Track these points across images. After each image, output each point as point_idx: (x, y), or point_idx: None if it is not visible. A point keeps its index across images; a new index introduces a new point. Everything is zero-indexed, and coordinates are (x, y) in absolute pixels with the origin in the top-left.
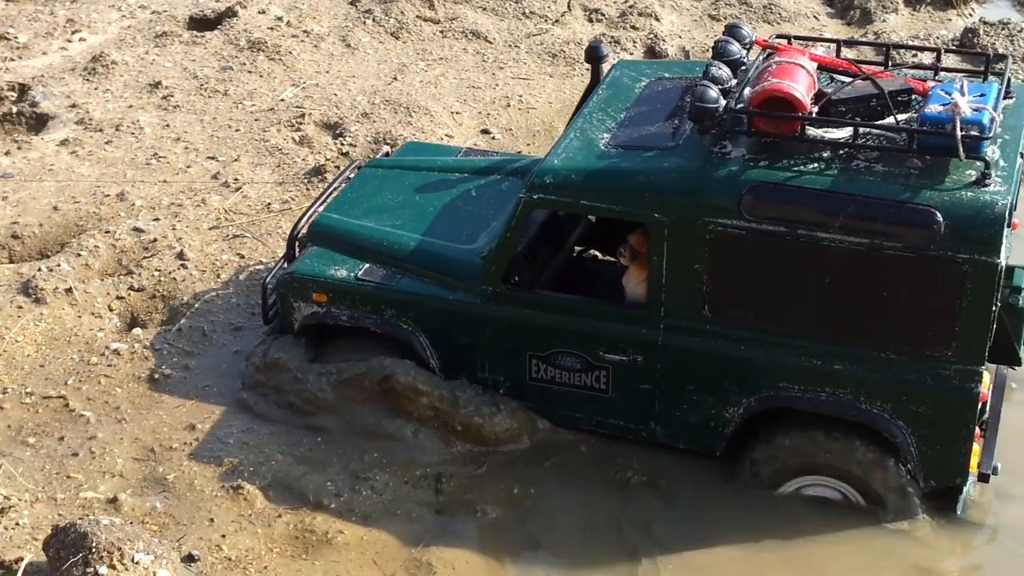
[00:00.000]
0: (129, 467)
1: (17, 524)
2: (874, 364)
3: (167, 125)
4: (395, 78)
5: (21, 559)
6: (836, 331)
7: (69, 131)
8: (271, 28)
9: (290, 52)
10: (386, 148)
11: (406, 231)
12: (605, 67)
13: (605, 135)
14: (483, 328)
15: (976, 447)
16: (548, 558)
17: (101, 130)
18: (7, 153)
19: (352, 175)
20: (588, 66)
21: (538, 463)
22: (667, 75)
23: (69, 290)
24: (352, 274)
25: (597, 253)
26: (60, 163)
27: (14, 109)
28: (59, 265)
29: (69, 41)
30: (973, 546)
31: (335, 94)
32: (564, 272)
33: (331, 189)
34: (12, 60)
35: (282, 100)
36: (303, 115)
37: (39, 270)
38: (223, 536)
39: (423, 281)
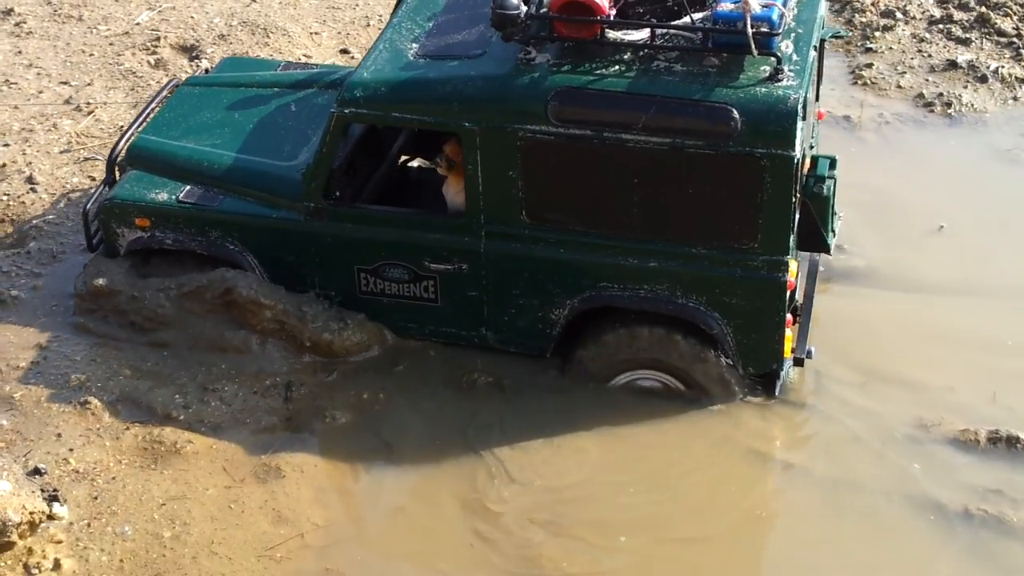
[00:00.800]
0: None
1: None
2: (687, 259)
3: (19, 52)
4: (253, 0)
5: None
6: (649, 229)
7: None
8: None
9: None
10: (205, 64)
11: (226, 150)
12: None
13: (413, 45)
14: (309, 245)
15: (789, 333)
16: (398, 460)
17: None
18: None
19: (170, 95)
20: None
21: (388, 369)
22: None
23: None
24: (173, 196)
25: (422, 162)
26: None
27: None
28: None
29: None
30: (793, 424)
31: (191, 17)
32: (388, 184)
33: (148, 110)
34: None
35: (137, 24)
36: (158, 38)
37: None
38: (70, 450)
39: (246, 200)
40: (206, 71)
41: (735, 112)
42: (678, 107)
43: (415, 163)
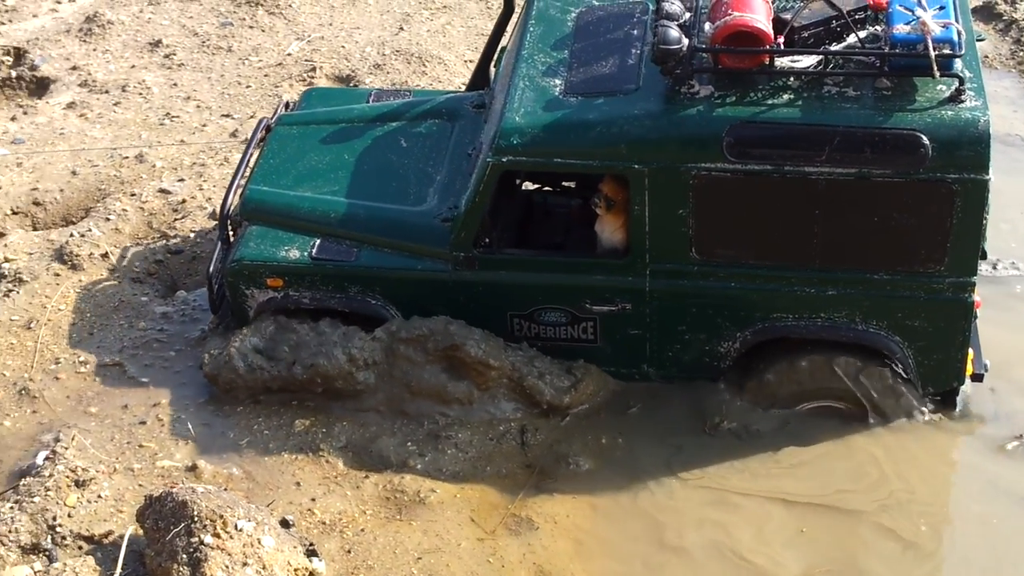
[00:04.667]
0: (200, 432)
1: (99, 497)
2: (868, 286)
3: (175, 84)
4: (401, 28)
5: (111, 532)
6: (829, 258)
7: (74, 94)
8: None
9: (290, 5)
10: (286, 99)
11: (348, 197)
12: None
13: (556, 81)
14: (458, 294)
15: (971, 351)
16: (648, 508)
17: (107, 91)
18: (13, 119)
19: (263, 135)
20: None
21: (621, 411)
22: (595, 3)
23: (105, 255)
24: (306, 254)
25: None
26: (70, 127)
27: (13, 74)
28: (90, 230)
29: (59, 2)
30: (974, 435)
31: (343, 46)
32: (519, 220)
33: (248, 156)
34: (2, 24)
35: (289, 54)
36: (313, 68)
37: (71, 236)
38: (313, 500)
39: (385, 253)
40: (287, 105)
41: (924, 139)
42: (864, 137)
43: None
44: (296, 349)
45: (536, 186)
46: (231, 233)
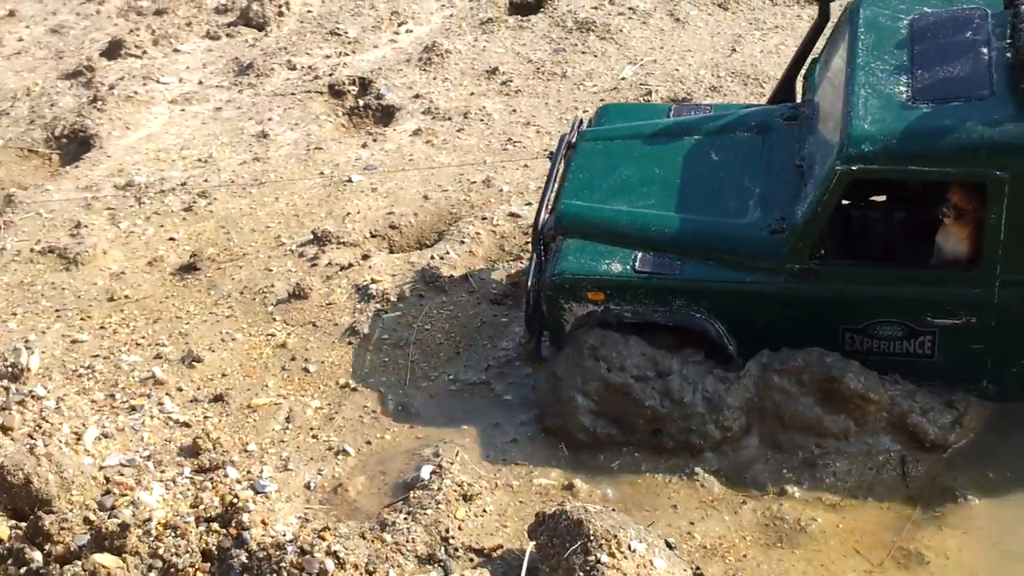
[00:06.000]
0: (570, 452)
1: (484, 511)
2: None
3: (513, 110)
4: (733, 49)
5: (500, 546)
6: None
7: (418, 121)
8: (595, 8)
9: (620, 30)
10: (580, 116)
11: (667, 210)
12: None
13: (900, 88)
14: (789, 308)
15: None
16: None
17: (449, 118)
18: (364, 146)
19: (565, 152)
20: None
21: (1004, 440)
22: (928, 9)
23: (464, 277)
24: (628, 267)
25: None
26: (418, 153)
27: (360, 103)
28: (447, 253)
29: (396, 33)
30: None
31: (676, 69)
32: (846, 231)
33: (555, 173)
34: (346, 55)
35: (623, 79)
36: (649, 92)
37: (431, 258)
38: (691, 523)
39: (709, 265)
40: (580, 122)
41: None
42: None
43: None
44: (645, 402)
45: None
46: (543, 249)
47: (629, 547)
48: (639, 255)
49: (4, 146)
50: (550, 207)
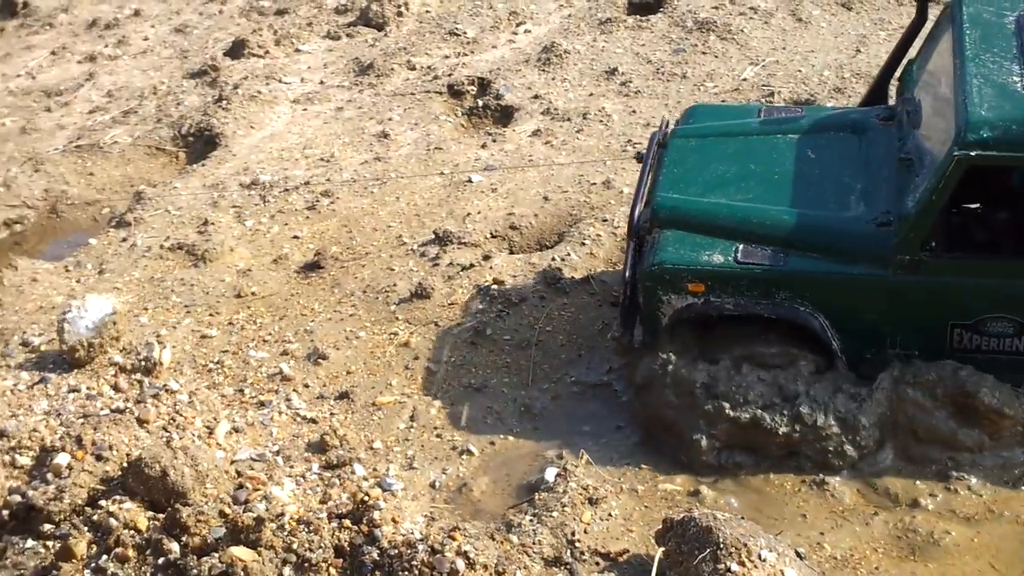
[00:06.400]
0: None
1: (610, 515)
2: None
3: (633, 111)
4: (858, 50)
5: (626, 551)
6: None
7: (537, 121)
8: (715, 7)
9: (741, 30)
10: (665, 117)
11: (768, 203)
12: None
13: (1014, 78)
14: (896, 302)
15: None
16: None
17: (569, 119)
18: (483, 146)
19: (656, 149)
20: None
21: None
22: None
23: (587, 279)
24: (730, 258)
25: None
26: (537, 153)
27: (479, 103)
28: (568, 255)
29: (515, 33)
30: None
31: (799, 70)
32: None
33: (648, 168)
34: (465, 55)
35: (744, 79)
36: (771, 93)
37: (552, 260)
38: (821, 533)
39: (813, 258)
40: (667, 123)
41: None
42: None
43: None
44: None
45: None
46: (639, 242)
47: (759, 556)
48: (740, 246)
49: (133, 144)
50: (644, 201)
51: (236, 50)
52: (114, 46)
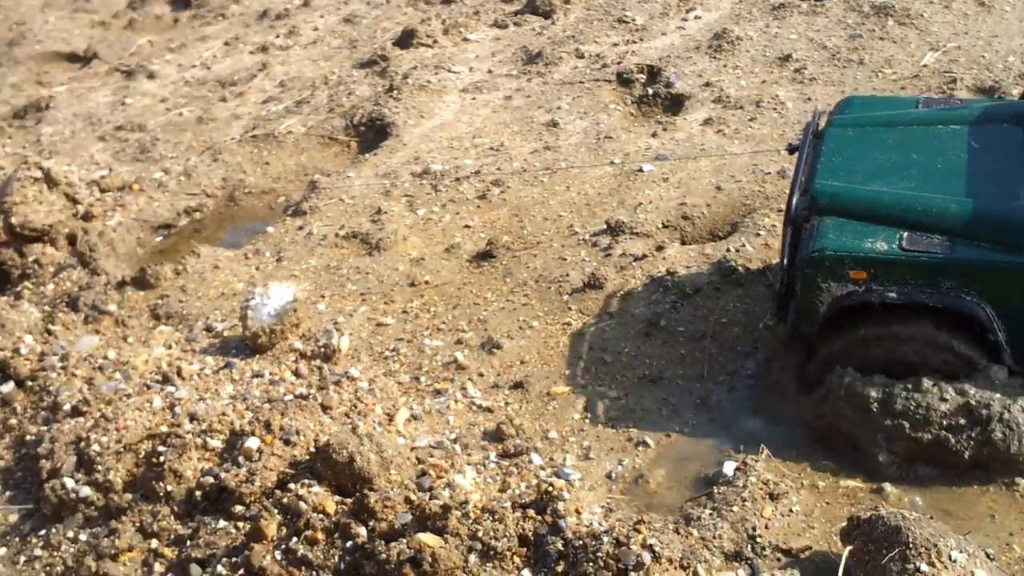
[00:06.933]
0: None
1: (791, 511)
2: None
3: (808, 98)
4: None
5: (808, 547)
6: None
7: (709, 110)
8: None
9: (921, 15)
10: (816, 107)
11: (931, 192)
12: None
13: None
14: None
15: None
16: None
17: (741, 107)
18: (654, 135)
19: (811, 139)
20: None
21: None
22: None
23: (762, 271)
24: (894, 245)
25: None
26: (709, 142)
27: (649, 91)
28: (743, 245)
29: (684, 20)
30: None
31: (982, 56)
32: None
33: (804, 157)
34: (634, 43)
35: (924, 66)
36: (953, 80)
37: (727, 250)
38: (1010, 534)
39: (981, 247)
40: (819, 112)
41: None
42: None
43: None
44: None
45: None
46: (795, 230)
47: (949, 557)
48: (905, 234)
49: (306, 133)
50: (802, 189)
51: (405, 40)
52: (285, 36)
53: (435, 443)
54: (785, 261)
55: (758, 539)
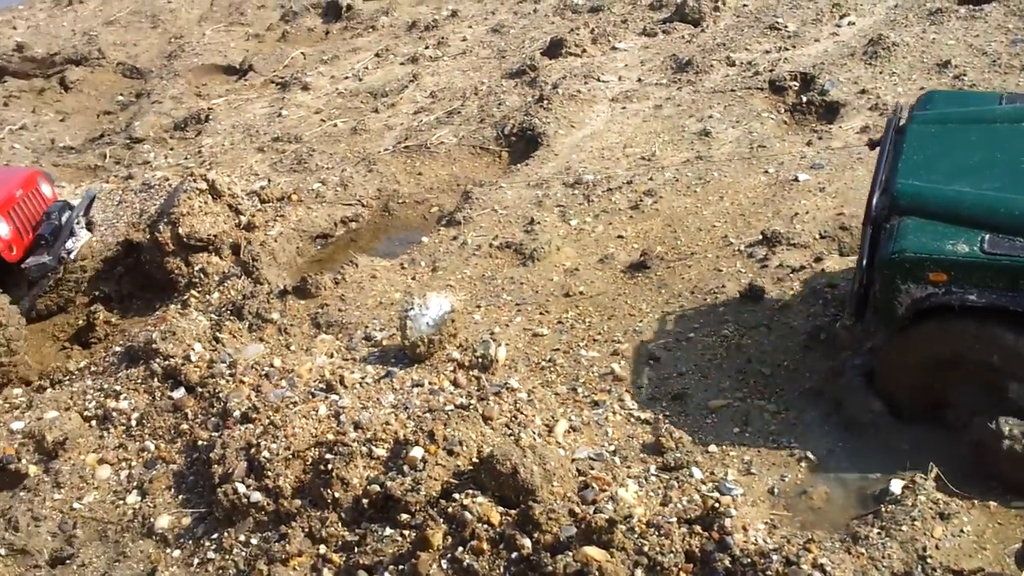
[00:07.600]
0: None
1: (961, 531)
2: None
3: None
4: None
5: (979, 569)
6: None
7: (865, 118)
8: None
9: None
10: (898, 101)
11: (1018, 193)
12: None
13: None
14: None
15: None
16: None
17: None
18: (809, 144)
19: (896, 136)
20: None
21: None
22: None
23: None
24: (975, 247)
25: None
26: (866, 151)
27: (803, 99)
28: None
29: (838, 26)
30: None
31: None
32: None
33: (885, 155)
34: (787, 50)
35: None
36: None
37: None
38: None
39: None
40: (901, 108)
41: None
42: None
43: None
44: None
45: None
46: (875, 230)
47: None
48: (987, 236)
49: (458, 144)
50: (882, 188)
51: (553, 49)
52: (434, 47)
53: (595, 455)
54: (864, 261)
55: (928, 559)
